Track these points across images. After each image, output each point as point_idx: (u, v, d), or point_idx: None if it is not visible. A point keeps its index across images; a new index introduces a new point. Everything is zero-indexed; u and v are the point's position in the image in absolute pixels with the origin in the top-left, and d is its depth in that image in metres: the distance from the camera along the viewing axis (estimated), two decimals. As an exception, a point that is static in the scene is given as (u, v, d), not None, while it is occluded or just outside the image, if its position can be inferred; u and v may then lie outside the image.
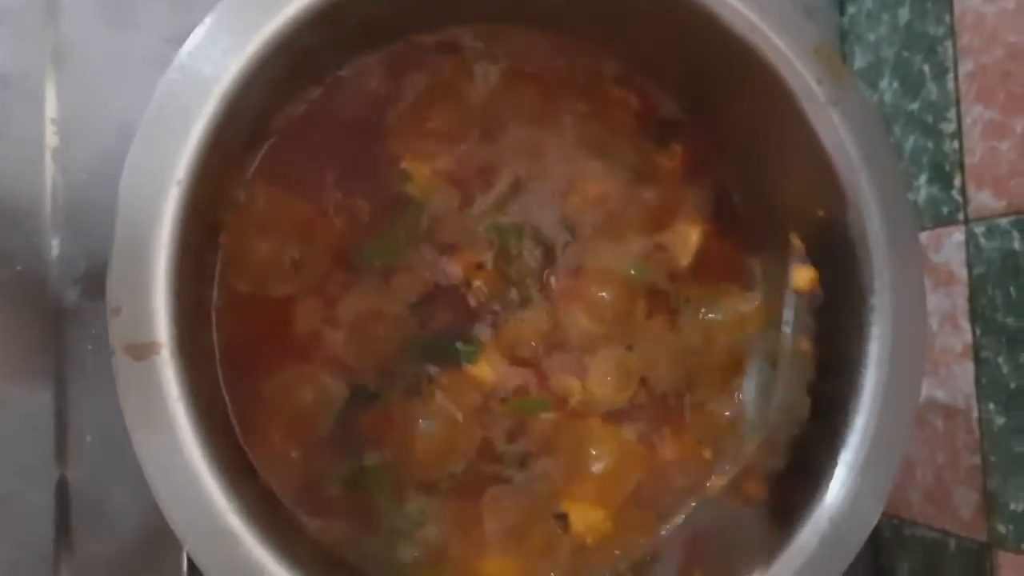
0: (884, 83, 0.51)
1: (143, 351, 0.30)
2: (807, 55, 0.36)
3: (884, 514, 0.47)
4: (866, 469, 0.36)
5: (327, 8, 0.33)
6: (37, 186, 0.42)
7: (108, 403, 0.42)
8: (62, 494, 0.42)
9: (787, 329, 0.40)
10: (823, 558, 0.35)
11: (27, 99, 0.43)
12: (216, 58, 0.32)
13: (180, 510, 0.30)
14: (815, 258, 0.40)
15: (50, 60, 0.43)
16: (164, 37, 0.43)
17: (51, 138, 0.43)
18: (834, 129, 0.36)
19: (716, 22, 0.36)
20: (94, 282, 0.43)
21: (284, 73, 0.34)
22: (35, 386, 0.42)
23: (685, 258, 0.42)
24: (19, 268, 0.42)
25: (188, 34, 0.32)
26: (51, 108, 0.43)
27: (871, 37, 0.52)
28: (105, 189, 0.43)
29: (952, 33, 0.46)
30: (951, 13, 0.46)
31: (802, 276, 0.39)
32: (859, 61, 0.53)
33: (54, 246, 0.43)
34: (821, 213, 0.38)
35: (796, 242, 0.40)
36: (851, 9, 0.54)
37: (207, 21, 0.32)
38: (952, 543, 0.47)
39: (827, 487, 0.36)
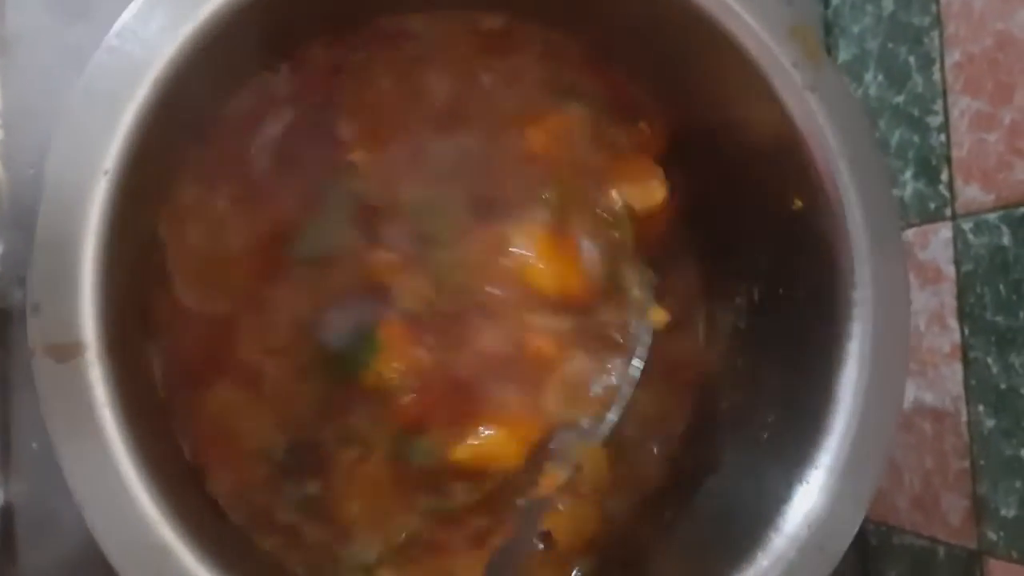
0: (869, 76, 0.50)
1: (66, 352, 0.29)
2: (782, 36, 0.35)
3: (871, 521, 0.46)
4: (846, 472, 0.35)
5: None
6: (-19, 182, 0.41)
7: (56, 409, 0.40)
8: (6, 505, 0.40)
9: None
10: (802, 567, 0.34)
11: (-29, 92, 0.41)
12: (148, 39, 0.30)
13: (106, 520, 0.29)
14: (794, 250, 0.38)
15: (-5, 51, 0.41)
16: (114, 27, 0.42)
17: (-4, 132, 0.41)
18: (811, 115, 0.35)
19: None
20: (41, 282, 0.41)
21: (227, 58, 0.32)
22: (-23, 391, 0.40)
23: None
24: (-39, 267, 0.41)
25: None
26: (-4, 101, 0.41)
27: (855, 29, 0.51)
28: (52, 185, 0.41)
29: (938, 23, 0.46)
30: (937, 2, 0.46)
31: (657, 315, 0.43)
32: (843, 54, 0.52)
33: (-2, 244, 0.41)
34: (799, 203, 0.36)
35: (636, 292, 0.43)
36: (835, 1, 0.52)
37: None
38: (941, 551, 0.46)
39: (804, 491, 0.34)
